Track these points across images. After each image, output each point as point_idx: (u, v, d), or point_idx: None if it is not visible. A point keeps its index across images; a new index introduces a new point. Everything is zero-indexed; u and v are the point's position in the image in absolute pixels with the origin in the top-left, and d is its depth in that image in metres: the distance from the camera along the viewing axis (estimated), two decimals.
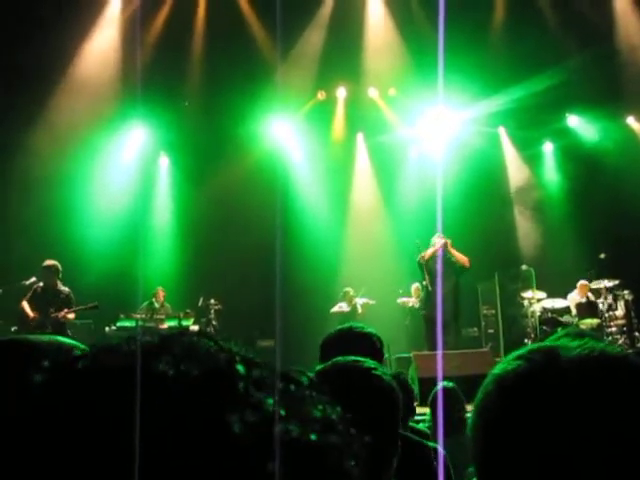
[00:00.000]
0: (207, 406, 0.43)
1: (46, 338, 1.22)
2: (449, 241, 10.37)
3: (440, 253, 10.16)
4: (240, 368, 0.47)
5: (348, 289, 12.80)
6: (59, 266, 9.16)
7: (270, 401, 0.45)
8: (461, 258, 10.37)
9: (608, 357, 0.82)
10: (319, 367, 1.72)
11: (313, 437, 0.45)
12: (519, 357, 0.86)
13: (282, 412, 0.45)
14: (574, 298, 11.88)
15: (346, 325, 2.92)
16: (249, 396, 0.45)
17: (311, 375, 0.53)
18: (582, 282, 11.92)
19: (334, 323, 10.63)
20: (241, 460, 0.42)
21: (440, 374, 6.74)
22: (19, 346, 1.15)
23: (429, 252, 10.34)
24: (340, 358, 1.73)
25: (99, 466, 0.41)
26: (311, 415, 0.47)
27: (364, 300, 12.76)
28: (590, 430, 0.76)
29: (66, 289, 9.16)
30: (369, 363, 1.71)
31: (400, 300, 12.94)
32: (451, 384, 5.08)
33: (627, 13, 13.56)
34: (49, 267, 9.07)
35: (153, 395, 0.43)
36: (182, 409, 0.42)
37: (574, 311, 11.62)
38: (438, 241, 10.32)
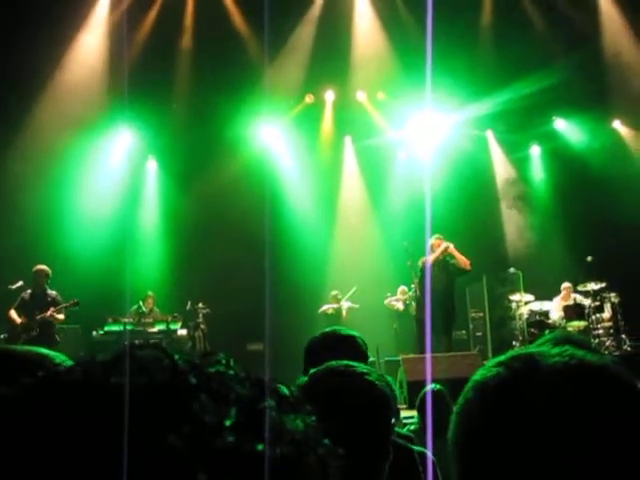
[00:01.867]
0: (146, 417, 0.44)
1: (22, 349, 1.22)
2: (451, 244, 10.21)
3: (428, 258, 10.08)
4: (192, 380, 0.48)
5: (335, 292, 12.86)
6: (49, 271, 9.38)
7: (224, 412, 0.46)
8: (463, 260, 10.17)
9: (587, 365, 0.82)
10: (312, 370, 1.72)
11: (269, 449, 0.46)
12: (499, 364, 0.86)
13: (228, 423, 0.45)
14: (559, 302, 11.94)
15: (330, 328, 2.93)
16: (193, 407, 0.45)
17: (292, 388, 0.53)
18: (565, 284, 11.99)
19: (322, 325, 10.63)
20: (170, 469, 0.43)
21: (429, 377, 6.75)
22: None
23: (433, 257, 10.04)
24: (333, 362, 1.73)
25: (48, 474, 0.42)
26: (272, 427, 0.47)
27: (349, 304, 12.81)
28: (568, 439, 0.76)
29: (53, 292, 9.37)
30: (362, 368, 1.71)
31: (387, 301, 12.95)
32: (439, 386, 5.08)
33: (613, 17, 13.66)
34: (40, 272, 9.28)
35: (103, 408, 0.44)
36: (124, 420, 0.44)
37: (561, 314, 11.67)
38: (437, 243, 10.14)
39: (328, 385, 1.61)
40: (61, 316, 9.23)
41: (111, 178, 13.63)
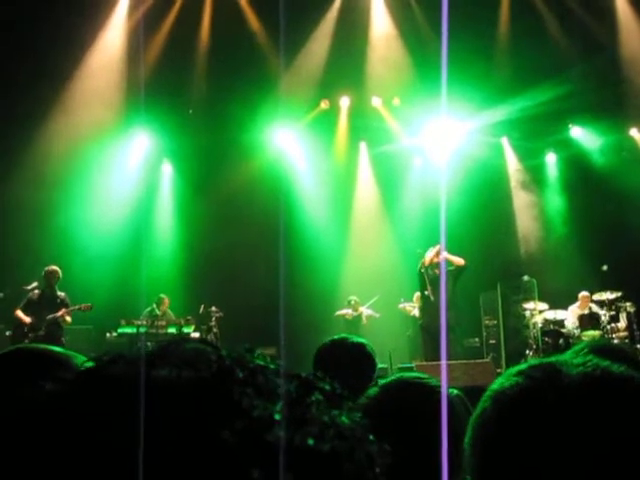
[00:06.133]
0: (198, 412, 0.44)
1: (51, 349, 1.25)
2: (440, 247, 10.22)
3: (442, 262, 10.06)
4: (239, 374, 0.47)
5: (354, 297, 12.83)
6: (60, 272, 9.50)
7: (271, 407, 0.46)
8: (455, 260, 10.23)
9: (611, 376, 0.80)
10: (382, 381, 1.75)
11: (320, 444, 0.46)
12: (518, 373, 0.84)
13: (277, 417, 0.45)
14: (575, 310, 11.84)
15: (339, 336, 2.95)
16: (244, 402, 0.45)
17: (334, 383, 0.54)
18: (583, 293, 11.87)
19: (336, 331, 10.59)
20: (224, 465, 0.42)
21: (444, 384, 6.72)
22: (25, 355, 1.18)
23: (427, 259, 10.27)
24: (405, 373, 1.79)
25: (100, 470, 0.42)
26: (322, 421, 0.47)
27: (370, 312, 12.79)
28: (589, 451, 0.74)
29: (62, 293, 9.48)
30: (433, 381, 1.76)
31: (401, 305, 12.90)
32: (455, 392, 5.03)
33: (630, 24, 13.58)
34: (54, 272, 9.40)
35: (151, 401, 0.44)
36: (174, 414, 0.44)
37: (576, 323, 11.58)
38: (431, 251, 10.29)
39: (399, 395, 1.64)
40: (69, 318, 9.35)
41: (127, 181, 13.71)
